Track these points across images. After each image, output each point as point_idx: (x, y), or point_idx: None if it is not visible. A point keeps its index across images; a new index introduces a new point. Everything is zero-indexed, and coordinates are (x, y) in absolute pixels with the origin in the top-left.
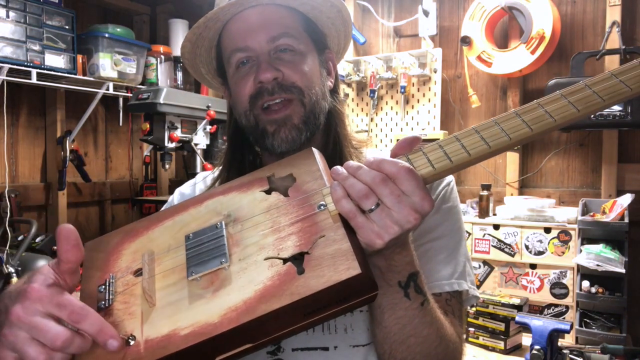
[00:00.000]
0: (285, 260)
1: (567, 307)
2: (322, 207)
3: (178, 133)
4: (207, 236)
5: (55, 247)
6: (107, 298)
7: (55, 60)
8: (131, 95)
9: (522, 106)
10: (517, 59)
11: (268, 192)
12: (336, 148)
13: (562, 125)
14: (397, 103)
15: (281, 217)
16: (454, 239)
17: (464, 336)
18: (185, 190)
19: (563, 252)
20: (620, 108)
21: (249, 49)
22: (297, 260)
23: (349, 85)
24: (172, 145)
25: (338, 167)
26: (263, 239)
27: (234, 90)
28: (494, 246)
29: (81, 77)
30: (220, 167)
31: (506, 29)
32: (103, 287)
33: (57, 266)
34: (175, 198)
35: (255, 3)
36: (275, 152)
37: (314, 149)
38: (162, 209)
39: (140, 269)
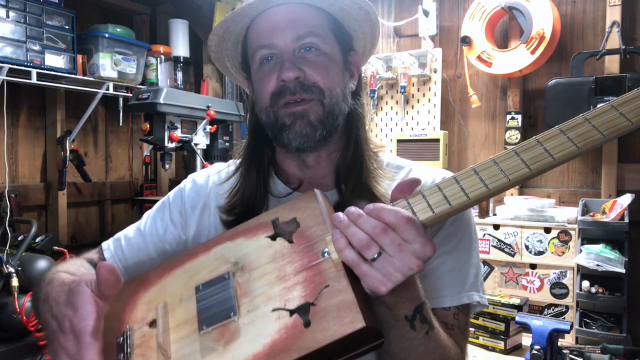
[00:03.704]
0: (291, 312)
1: (567, 307)
2: (325, 254)
3: (178, 133)
4: (215, 288)
5: (55, 248)
6: (125, 351)
7: (55, 60)
8: (131, 95)
9: (521, 144)
10: (517, 59)
11: (273, 237)
12: (357, 152)
13: (561, 163)
14: (397, 103)
15: (287, 265)
16: (465, 250)
17: (467, 348)
18: (199, 179)
19: (563, 252)
20: None
21: (273, 46)
22: (303, 311)
23: None
24: (172, 145)
25: (339, 213)
26: (270, 289)
27: (256, 86)
28: (494, 246)
29: (81, 77)
30: (238, 161)
31: (506, 29)
32: (121, 338)
33: (99, 291)
34: (187, 185)
35: (283, 1)
36: (291, 147)
37: (316, 190)
38: (173, 193)
39: (155, 320)
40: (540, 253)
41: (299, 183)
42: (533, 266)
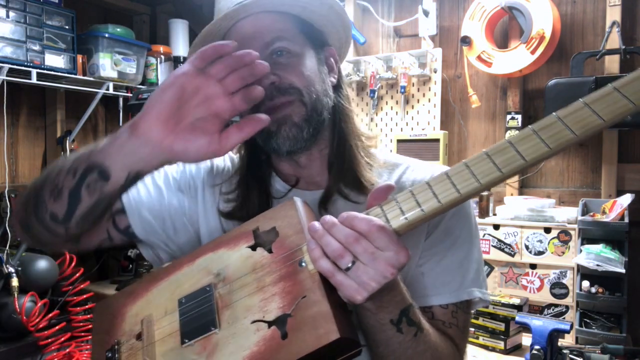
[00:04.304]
0: (270, 324)
1: (567, 307)
2: (303, 264)
3: None
4: (197, 301)
5: None
6: None
7: (55, 60)
8: (131, 95)
9: (494, 146)
10: (517, 59)
11: (254, 247)
12: (341, 143)
13: (534, 164)
14: (397, 103)
15: (266, 276)
16: (465, 246)
17: (466, 347)
18: (217, 160)
19: (563, 252)
20: None
21: None
22: (281, 323)
23: (349, 85)
24: None
25: (315, 223)
26: (250, 300)
27: None
28: (494, 246)
29: (81, 77)
30: (239, 175)
31: (506, 29)
32: (110, 353)
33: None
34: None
35: (245, 14)
36: (281, 151)
37: (296, 198)
38: (181, 174)
39: (141, 333)
40: (540, 253)
41: (296, 180)
42: (533, 266)
